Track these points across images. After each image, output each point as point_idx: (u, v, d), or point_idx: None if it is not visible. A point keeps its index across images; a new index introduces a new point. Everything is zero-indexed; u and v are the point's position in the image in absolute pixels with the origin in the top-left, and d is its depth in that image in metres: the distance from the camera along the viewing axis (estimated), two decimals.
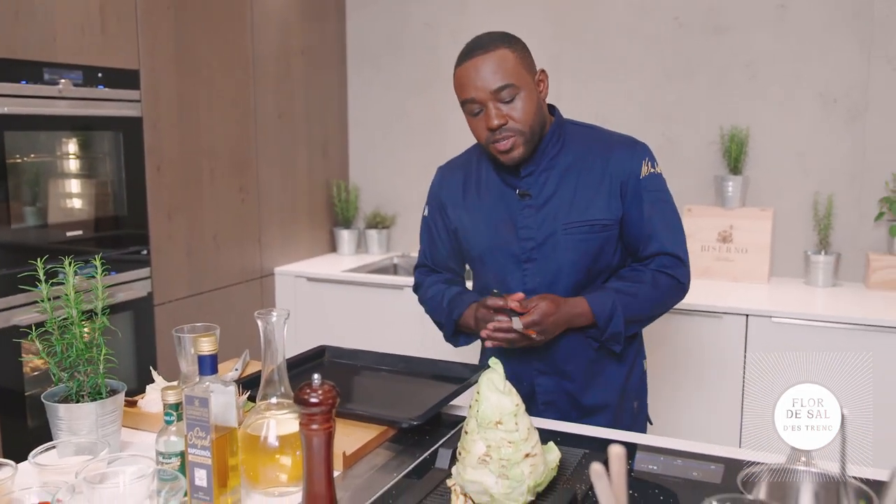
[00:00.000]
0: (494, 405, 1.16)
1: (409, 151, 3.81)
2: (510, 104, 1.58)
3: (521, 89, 1.58)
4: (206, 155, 3.07)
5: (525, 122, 1.59)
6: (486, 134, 1.61)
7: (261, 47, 3.32)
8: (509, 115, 1.58)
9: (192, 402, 1.12)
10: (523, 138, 1.60)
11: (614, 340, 1.67)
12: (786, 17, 3.06)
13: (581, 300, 1.64)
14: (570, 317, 1.62)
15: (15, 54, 2.34)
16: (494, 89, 1.56)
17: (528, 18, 3.48)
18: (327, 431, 0.98)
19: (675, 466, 1.34)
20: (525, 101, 1.58)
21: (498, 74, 1.56)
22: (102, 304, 1.36)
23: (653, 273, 1.67)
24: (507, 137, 1.59)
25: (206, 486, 1.14)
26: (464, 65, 1.59)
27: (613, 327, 1.64)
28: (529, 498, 1.15)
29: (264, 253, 3.45)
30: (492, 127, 1.58)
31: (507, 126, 1.58)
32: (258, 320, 1.24)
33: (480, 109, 1.59)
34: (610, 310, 1.63)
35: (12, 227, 2.40)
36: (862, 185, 3.01)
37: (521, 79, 1.58)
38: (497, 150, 1.62)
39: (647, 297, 1.67)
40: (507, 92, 1.56)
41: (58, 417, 1.30)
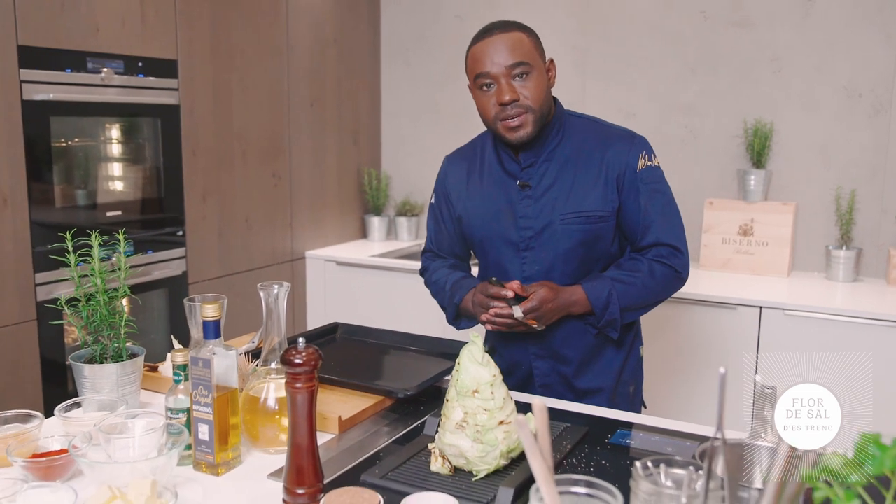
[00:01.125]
0: (473, 375, 1.25)
1: (439, 142, 3.90)
2: (523, 81, 1.64)
3: (534, 69, 1.65)
4: (240, 141, 3.21)
5: (536, 100, 1.65)
6: (496, 110, 1.65)
7: (295, 37, 3.45)
8: (521, 91, 1.64)
9: (196, 363, 1.24)
10: (533, 116, 1.65)
11: (611, 327, 1.73)
12: (811, 12, 3.06)
13: (578, 288, 1.70)
14: (568, 304, 1.68)
15: (60, 44, 2.50)
16: (510, 64, 1.62)
17: (555, 12, 3.54)
18: (310, 390, 1.08)
19: (651, 442, 1.42)
20: (536, 80, 1.65)
21: (515, 52, 1.63)
22: (125, 275, 1.48)
23: (650, 263, 1.73)
24: (518, 114, 1.64)
25: (208, 440, 1.25)
26: (481, 42, 1.66)
27: (609, 314, 1.70)
28: (503, 462, 1.24)
29: (295, 237, 3.58)
30: (503, 101, 1.63)
31: (518, 102, 1.63)
32: (261, 292, 1.35)
33: (492, 84, 1.65)
34: (606, 298, 1.69)
35: (57, 207, 2.57)
36: (885, 181, 3.01)
37: (535, 60, 1.65)
38: (506, 128, 1.66)
39: (644, 285, 1.72)
40: (521, 69, 1.63)
41: (83, 377, 1.44)
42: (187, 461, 1.29)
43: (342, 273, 3.61)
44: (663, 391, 2.86)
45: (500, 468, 1.24)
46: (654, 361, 2.70)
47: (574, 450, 1.36)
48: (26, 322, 2.47)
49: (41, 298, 2.50)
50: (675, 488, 0.88)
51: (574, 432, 1.42)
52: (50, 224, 2.52)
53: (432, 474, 1.24)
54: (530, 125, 1.66)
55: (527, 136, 1.67)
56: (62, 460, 1.21)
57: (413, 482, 1.21)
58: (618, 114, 3.42)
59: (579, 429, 1.44)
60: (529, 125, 1.66)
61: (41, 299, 2.50)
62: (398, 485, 1.20)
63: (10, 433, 1.31)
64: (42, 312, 2.50)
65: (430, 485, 1.20)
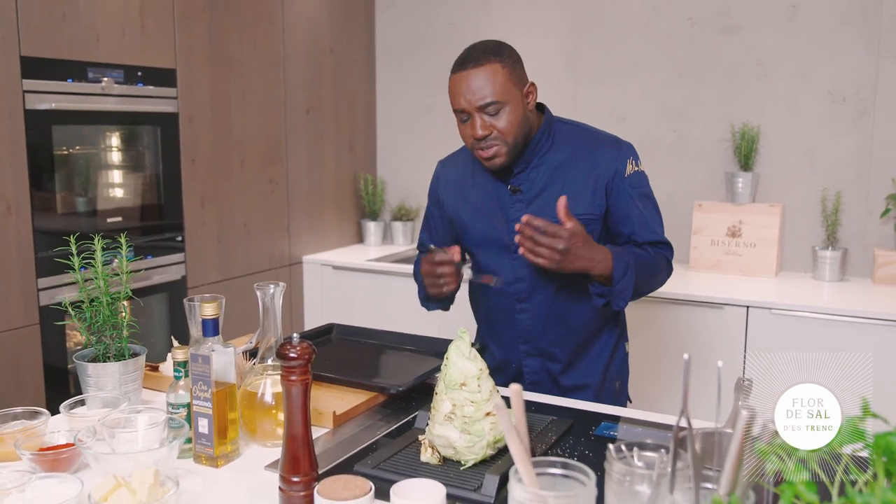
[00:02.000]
0: (460, 369, 1.31)
1: (434, 147, 3.95)
2: (494, 117, 1.70)
3: (507, 104, 1.70)
4: (238, 148, 3.27)
5: (508, 134, 1.71)
6: (471, 140, 1.75)
7: (291, 46, 3.51)
8: (493, 125, 1.70)
9: (196, 360, 1.30)
10: (506, 148, 1.73)
11: (621, 297, 1.71)
12: (796, 17, 3.13)
13: (605, 248, 1.69)
14: (593, 256, 1.64)
15: (61, 54, 2.56)
16: (480, 105, 1.69)
17: (547, 18, 3.61)
18: (304, 383, 1.14)
19: (634, 433, 1.47)
20: (510, 114, 1.70)
21: (485, 90, 1.67)
22: (127, 277, 1.54)
23: (653, 250, 1.81)
24: (491, 146, 1.72)
25: (207, 434, 1.31)
26: (456, 75, 1.73)
27: (626, 282, 1.69)
28: (489, 452, 1.30)
29: (293, 242, 3.64)
30: (476, 136, 1.71)
31: (491, 136, 1.71)
32: (257, 291, 1.40)
33: (468, 118, 1.73)
34: (625, 265, 1.69)
35: (59, 214, 2.63)
36: (869, 182, 3.07)
37: (508, 93, 1.69)
38: (480, 157, 1.76)
39: (652, 267, 1.78)
40: (493, 108, 1.69)
41: (87, 375, 1.49)
42: (188, 454, 1.35)
43: (339, 277, 3.67)
44: (652, 388, 2.92)
45: (487, 458, 1.30)
46: (642, 359, 2.76)
47: (559, 441, 1.42)
48: (29, 326, 2.52)
49: (44, 303, 2.55)
50: (645, 469, 0.93)
51: (559, 425, 1.48)
52: (52, 231, 2.58)
53: (422, 464, 1.30)
54: (504, 156, 1.74)
55: (501, 164, 1.75)
56: (68, 453, 1.27)
57: (404, 471, 1.26)
58: (608, 118, 3.48)
59: (564, 422, 1.50)
60: (503, 156, 1.74)
61: (44, 303, 2.55)
62: (389, 474, 1.25)
63: (18, 428, 1.36)
64: (45, 316, 2.56)
65: (420, 474, 1.25)
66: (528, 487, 0.87)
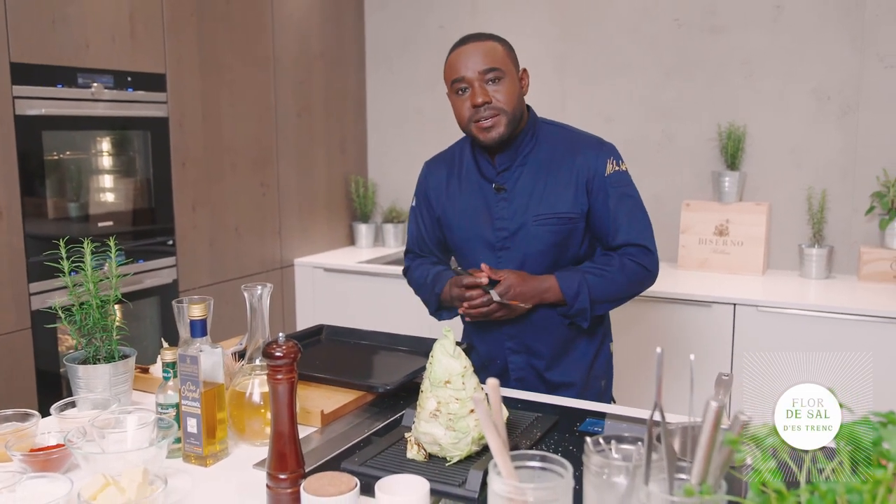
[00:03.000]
0: (445, 367, 1.33)
1: (424, 148, 3.97)
2: (495, 86, 1.75)
3: (507, 75, 1.76)
4: (228, 152, 3.29)
5: (508, 103, 1.75)
6: (470, 112, 1.76)
7: (281, 50, 3.53)
8: (494, 94, 1.74)
9: (184, 360, 1.31)
10: (506, 118, 1.75)
11: (581, 317, 1.82)
12: (781, 17, 3.16)
13: (550, 277, 1.81)
14: (540, 290, 1.79)
15: (51, 60, 2.58)
16: (483, 69, 1.73)
17: (536, 20, 3.63)
18: (290, 381, 1.16)
19: (618, 429, 1.50)
20: (509, 85, 1.76)
21: (488, 58, 1.74)
22: (116, 280, 1.56)
23: (620, 259, 1.83)
24: (491, 116, 1.74)
25: (196, 433, 1.33)
26: (457, 50, 1.79)
27: (580, 304, 1.79)
28: (474, 448, 1.32)
29: (284, 245, 3.66)
30: (476, 103, 1.73)
31: (491, 104, 1.74)
32: (245, 293, 1.42)
33: (466, 88, 1.76)
34: (577, 287, 1.78)
35: (50, 219, 2.64)
36: (854, 180, 3.11)
37: (508, 67, 1.77)
38: (479, 129, 1.77)
39: (614, 279, 1.82)
40: (494, 74, 1.74)
41: (77, 377, 1.51)
42: (177, 454, 1.37)
43: (330, 279, 3.68)
44: (639, 386, 2.94)
45: (472, 454, 1.32)
46: (629, 357, 2.78)
47: (544, 437, 1.44)
48: (21, 330, 2.54)
49: (36, 307, 2.56)
50: (622, 461, 0.96)
51: (544, 421, 1.50)
52: (43, 236, 2.59)
53: (408, 461, 1.32)
54: (502, 126, 1.76)
55: (499, 136, 1.77)
56: (58, 454, 1.29)
57: (390, 468, 1.28)
58: (597, 118, 3.51)
59: (549, 418, 1.52)
60: (502, 126, 1.76)
61: (36, 308, 2.56)
62: (376, 471, 1.27)
63: (8, 430, 1.38)
64: (36, 321, 2.57)
65: (406, 470, 1.27)
66: (507, 480, 0.90)
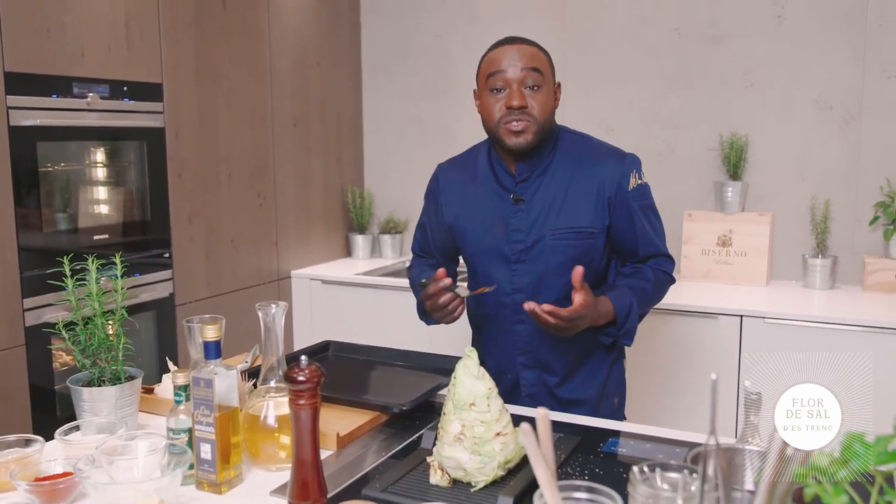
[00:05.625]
0: (469, 389, 1.28)
1: (422, 159, 3.94)
2: (533, 93, 1.70)
3: (546, 84, 1.72)
4: (225, 162, 3.23)
5: (542, 114, 1.70)
6: (502, 113, 1.70)
7: (278, 60, 3.48)
8: (531, 101, 1.69)
9: (198, 384, 1.26)
10: (536, 126, 1.70)
11: (628, 336, 1.77)
12: (782, 27, 3.15)
13: (606, 300, 1.71)
14: (597, 316, 1.69)
15: (46, 70, 2.52)
16: (527, 67, 1.69)
17: (535, 29, 3.60)
18: (313, 406, 1.11)
19: (643, 449, 1.45)
20: (546, 95, 1.71)
21: (533, 60, 1.70)
22: (122, 297, 1.50)
23: (653, 271, 1.81)
24: (523, 119, 1.69)
25: (210, 459, 1.27)
26: (501, 47, 1.74)
27: (630, 323, 1.74)
28: (500, 472, 1.27)
29: (281, 256, 3.60)
30: (511, 105, 1.68)
31: (526, 109, 1.69)
32: (259, 312, 1.37)
33: (503, 88, 1.70)
34: (628, 307, 1.72)
35: (44, 232, 2.57)
36: (857, 190, 3.09)
37: (548, 76, 1.73)
38: (508, 131, 1.70)
39: (652, 292, 1.80)
40: (536, 78, 1.69)
41: (82, 400, 1.45)
42: (190, 481, 1.31)
43: (328, 291, 3.63)
44: (647, 400, 2.91)
45: (498, 479, 1.27)
46: (637, 371, 2.75)
47: (568, 459, 1.40)
48: (15, 347, 2.47)
49: (30, 323, 2.49)
50: (671, 491, 0.92)
51: (567, 442, 1.46)
52: (37, 249, 2.52)
53: (432, 486, 1.27)
54: (532, 134, 1.70)
55: (527, 143, 1.71)
56: (65, 483, 1.23)
57: (413, 495, 1.24)
58: (597, 128, 3.48)
59: (572, 438, 1.48)
60: (531, 134, 1.70)
61: (30, 324, 2.49)
62: (399, 498, 1.22)
63: (11, 457, 1.32)
64: (31, 337, 2.50)
65: (431, 497, 1.23)
66: None
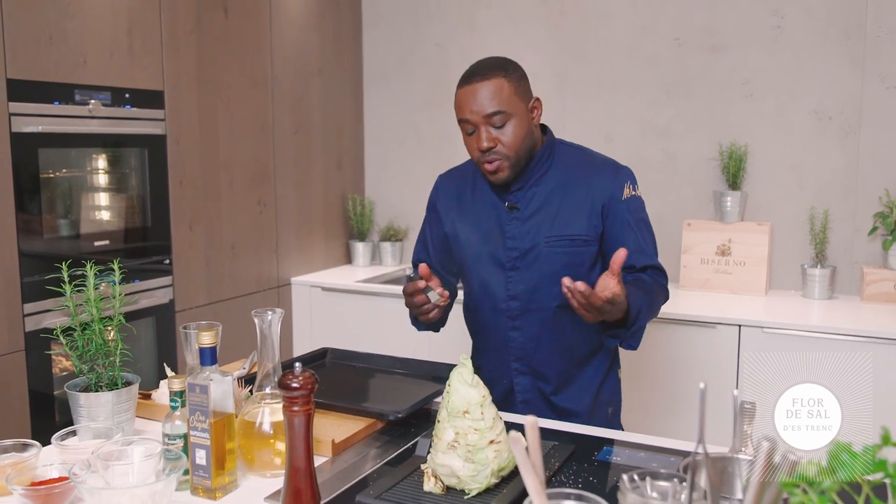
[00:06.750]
0: (463, 396, 1.29)
1: (422, 167, 3.95)
2: (501, 129, 1.71)
3: (513, 116, 1.71)
4: (226, 169, 3.25)
5: (512, 148, 1.72)
6: (477, 154, 1.75)
7: (279, 68, 3.50)
8: (498, 138, 1.71)
9: (193, 390, 1.27)
10: (509, 162, 1.73)
11: (635, 338, 1.74)
12: (781, 37, 3.16)
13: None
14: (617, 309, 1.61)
15: (48, 77, 2.53)
16: (487, 114, 1.70)
17: (535, 39, 3.62)
18: (307, 413, 1.12)
19: (637, 458, 1.46)
20: (515, 127, 1.72)
21: (493, 101, 1.69)
22: (120, 303, 1.51)
23: (652, 280, 1.81)
24: (495, 160, 1.73)
25: (205, 465, 1.28)
26: (463, 88, 1.74)
27: (640, 323, 1.70)
28: (493, 480, 1.27)
29: (281, 263, 3.61)
30: (481, 149, 1.72)
31: (495, 149, 1.72)
32: (255, 318, 1.38)
33: (474, 130, 1.74)
34: (639, 306, 1.69)
35: (45, 237, 2.58)
36: (856, 200, 3.10)
37: (514, 106, 1.71)
38: (485, 170, 1.77)
39: (653, 300, 1.78)
40: (499, 118, 1.70)
41: (78, 405, 1.46)
42: (184, 486, 1.32)
43: (328, 298, 3.64)
44: (645, 409, 2.90)
45: (491, 486, 1.28)
46: (635, 380, 2.75)
47: (562, 467, 1.40)
48: (15, 353, 2.47)
49: (30, 329, 2.50)
50: (660, 499, 0.92)
51: (561, 450, 1.46)
52: (38, 255, 2.53)
53: (425, 494, 1.28)
54: (507, 170, 1.75)
55: (504, 178, 1.76)
56: (61, 488, 1.23)
57: (407, 501, 1.24)
58: (597, 137, 3.50)
59: (566, 447, 1.48)
60: (506, 170, 1.75)
61: (30, 329, 2.50)
62: None
63: (8, 462, 1.32)
64: (30, 343, 2.51)
65: None
66: None
